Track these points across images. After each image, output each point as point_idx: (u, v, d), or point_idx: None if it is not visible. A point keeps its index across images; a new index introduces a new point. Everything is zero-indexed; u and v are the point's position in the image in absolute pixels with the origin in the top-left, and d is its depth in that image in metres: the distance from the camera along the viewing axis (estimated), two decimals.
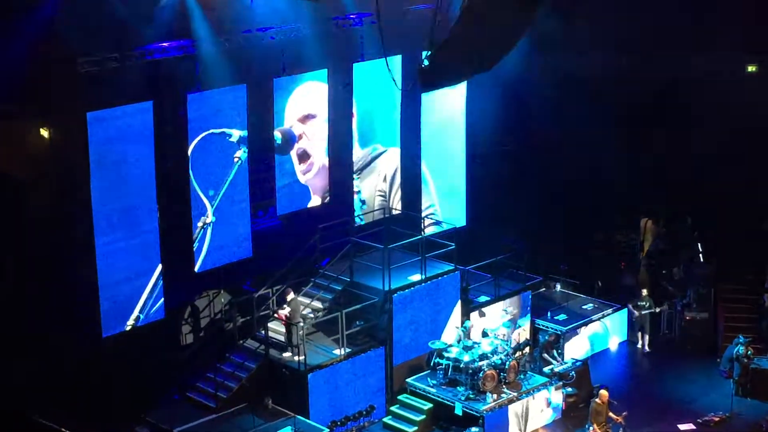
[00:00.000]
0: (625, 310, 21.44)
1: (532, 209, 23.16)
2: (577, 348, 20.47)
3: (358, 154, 20.60)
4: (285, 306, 17.92)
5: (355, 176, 20.54)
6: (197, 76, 17.64)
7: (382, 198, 21.11)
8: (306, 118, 19.56)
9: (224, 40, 17.73)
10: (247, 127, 18.37)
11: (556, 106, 23.19)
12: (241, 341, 18.41)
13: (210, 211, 18.09)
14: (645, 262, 23.11)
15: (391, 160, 21.16)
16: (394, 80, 17.11)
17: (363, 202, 20.65)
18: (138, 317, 17.29)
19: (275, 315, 18.09)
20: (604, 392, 17.27)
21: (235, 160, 18.37)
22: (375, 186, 20.94)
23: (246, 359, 18.06)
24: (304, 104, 19.45)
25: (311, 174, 19.84)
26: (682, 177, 22.63)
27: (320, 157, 19.93)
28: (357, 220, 20.54)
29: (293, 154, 19.47)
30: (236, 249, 18.71)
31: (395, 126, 21.13)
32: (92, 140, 16.20)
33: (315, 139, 19.72)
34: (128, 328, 17.11)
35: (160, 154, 17.23)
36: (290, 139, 19.38)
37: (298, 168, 19.61)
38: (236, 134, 18.31)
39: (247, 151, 18.37)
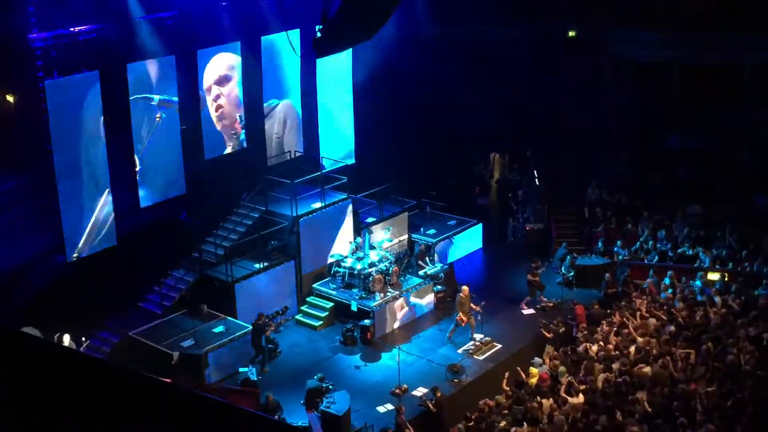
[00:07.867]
0: (480, 224, 23.24)
1: (408, 150, 24.07)
2: (447, 254, 22.32)
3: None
4: None
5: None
6: (135, 49, 18.71)
7: (278, 139, 22.10)
8: (223, 81, 20.86)
9: (156, 19, 18.77)
10: (176, 90, 19.59)
11: (431, 64, 24.15)
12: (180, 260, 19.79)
13: (137, 161, 19.26)
14: (494, 187, 24.93)
15: (284, 109, 21.96)
16: (293, 48, 18.49)
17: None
18: (92, 244, 18.29)
19: None
20: (465, 288, 18.74)
21: (157, 119, 19.13)
22: (273, 131, 21.93)
23: (185, 275, 19.53)
24: (220, 70, 20.81)
25: (226, 123, 21.11)
26: (534, 120, 24.19)
27: (232, 111, 21.20)
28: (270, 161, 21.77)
29: (211, 108, 20.95)
30: (172, 188, 19.98)
31: (296, 84, 22.23)
32: (50, 104, 17.43)
33: (230, 97, 21.16)
34: (76, 256, 18.00)
35: (107, 114, 18.45)
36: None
37: (215, 116, 20.92)
38: (157, 98, 18.93)
39: (166, 112, 19.11)
